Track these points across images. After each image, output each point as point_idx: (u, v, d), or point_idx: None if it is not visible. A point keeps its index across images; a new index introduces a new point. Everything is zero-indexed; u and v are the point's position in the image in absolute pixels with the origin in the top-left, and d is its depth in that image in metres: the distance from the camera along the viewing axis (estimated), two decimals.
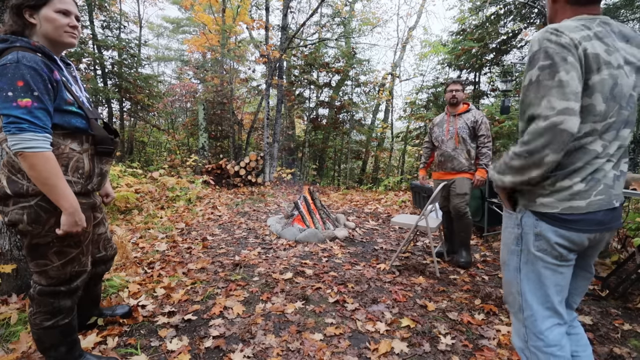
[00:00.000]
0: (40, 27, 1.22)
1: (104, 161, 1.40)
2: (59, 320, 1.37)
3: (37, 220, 1.22)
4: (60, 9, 1.23)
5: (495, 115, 6.87)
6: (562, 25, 0.98)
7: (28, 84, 1.10)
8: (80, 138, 1.28)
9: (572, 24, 0.98)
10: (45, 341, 1.38)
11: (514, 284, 1.15)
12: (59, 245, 1.28)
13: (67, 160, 1.25)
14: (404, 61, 15.32)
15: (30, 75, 1.10)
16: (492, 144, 2.98)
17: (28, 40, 1.18)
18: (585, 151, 0.99)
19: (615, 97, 0.97)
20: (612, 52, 0.97)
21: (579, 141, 1.00)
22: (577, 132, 0.98)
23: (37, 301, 1.34)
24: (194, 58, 13.71)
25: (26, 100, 1.09)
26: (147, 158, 10.78)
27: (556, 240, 1.03)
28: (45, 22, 1.21)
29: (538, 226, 1.06)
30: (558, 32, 0.95)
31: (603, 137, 0.99)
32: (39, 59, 1.15)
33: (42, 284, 1.32)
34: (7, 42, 1.16)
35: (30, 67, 1.11)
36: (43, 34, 1.23)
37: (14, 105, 1.08)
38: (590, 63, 0.95)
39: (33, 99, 1.11)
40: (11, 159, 1.20)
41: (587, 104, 0.97)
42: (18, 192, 1.19)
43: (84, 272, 1.41)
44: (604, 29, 0.99)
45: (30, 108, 1.10)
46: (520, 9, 7.24)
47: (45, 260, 1.29)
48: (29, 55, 1.12)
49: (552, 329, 1.09)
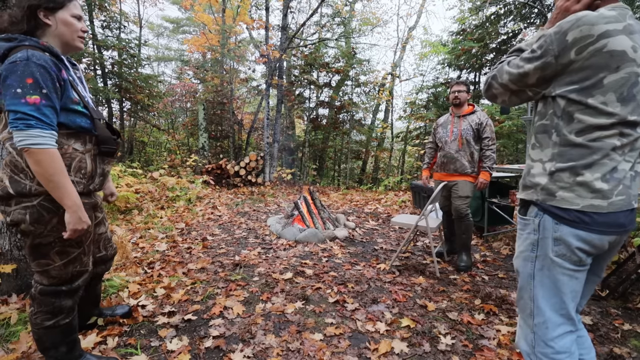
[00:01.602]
0: (56, 29, 1.24)
1: (106, 161, 1.41)
2: (59, 320, 1.37)
3: (40, 220, 1.22)
4: (75, 14, 1.28)
5: (495, 115, 6.88)
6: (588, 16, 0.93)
7: (37, 81, 1.11)
8: (83, 138, 1.30)
9: (608, 13, 0.94)
10: (45, 341, 1.38)
11: (527, 290, 1.13)
12: (61, 245, 1.29)
13: (69, 160, 1.26)
14: (404, 61, 15.32)
15: (39, 73, 1.12)
16: (496, 147, 2.95)
17: (37, 39, 1.20)
18: (603, 144, 0.97)
19: (636, 95, 0.95)
20: (638, 49, 0.94)
21: (597, 132, 0.97)
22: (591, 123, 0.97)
23: (38, 301, 1.34)
24: (194, 58, 13.70)
25: (35, 97, 1.10)
26: (147, 158, 10.78)
27: (577, 245, 1.01)
28: (62, 24, 1.25)
29: (558, 230, 1.03)
30: (573, 25, 0.93)
31: (622, 134, 0.97)
32: (48, 58, 1.16)
33: (43, 283, 1.33)
34: (15, 40, 1.17)
35: (40, 65, 1.12)
36: (58, 36, 1.26)
37: (23, 101, 1.10)
38: (607, 61, 0.92)
39: (42, 97, 1.12)
40: (14, 158, 1.20)
41: (599, 101, 0.95)
42: (21, 191, 1.19)
43: (85, 271, 1.42)
44: (635, 24, 0.95)
45: (39, 105, 1.12)
46: (520, 9, 7.24)
47: (47, 260, 1.29)
48: (38, 54, 1.13)
49: (563, 336, 1.07)
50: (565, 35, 0.95)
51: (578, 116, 0.99)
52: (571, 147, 1.01)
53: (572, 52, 0.95)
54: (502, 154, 8.54)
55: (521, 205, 1.17)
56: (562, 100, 1.01)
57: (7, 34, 1.18)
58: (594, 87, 0.95)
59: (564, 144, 1.03)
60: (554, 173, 1.04)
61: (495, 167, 3.97)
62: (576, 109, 0.99)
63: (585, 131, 0.99)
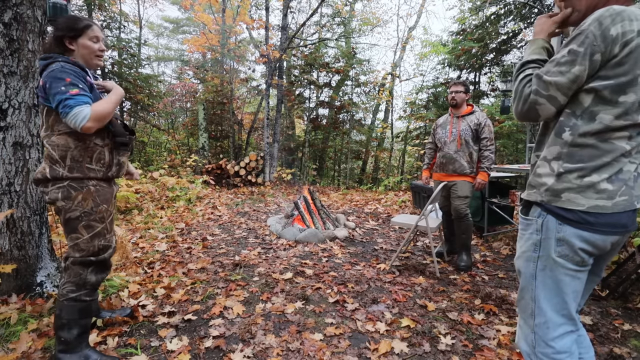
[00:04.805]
0: (78, 52, 1.56)
1: (121, 153, 1.67)
2: (82, 295, 1.58)
3: (68, 197, 1.52)
4: (93, 37, 1.57)
5: (495, 115, 6.88)
6: (626, 10, 0.91)
7: (73, 80, 1.44)
8: (102, 134, 1.57)
9: (636, 11, 0.92)
10: (64, 316, 1.56)
11: (528, 291, 1.12)
12: (87, 219, 1.55)
13: (92, 152, 1.55)
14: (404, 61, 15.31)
15: (73, 75, 1.45)
16: (494, 147, 2.96)
17: (67, 57, 1.53)
18: (614, 147, 0.97)
19: None
20: None
21: (610, 134, 0.97)
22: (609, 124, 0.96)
23: (69, 271, 1.58)
24: (194, 58, 13.69)
25: (75, 90, 1.42)
26: (147, 158, 10.75)
27: (580, 246, 1.01)
28: (82, 48, 1.56)
29: (561, 231, 1.03)
30: (616, 19, 0.91)
31: (631, 137, 0.97)
32: (77, 68, 1.50)
33: (75, 256, 1.57)
34: (51, 58, 1.49)
35: (72, 70, 1.46)
36: (80, 56, 1.57)
37: (68, 95, 1.40)
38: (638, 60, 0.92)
39: (79, 89, 1.43)
40: (50, 152, 1.51)
41: (631, 100, 0.94)
42: (55, 176, 1.51)
43: (109, 247, 1.66)
44: None
45: (79, 93, 1.43)
46: (520, 9, 7.24)
47: (76, 234, 1.56)
48: (67, 64, 1.47)
49: (564, 336, 1.07)
50: (608, 31, 0.92)
51: (602, 116, 0.97)
52: (581, 148, 1.00)
53: (616, 47, 0.92)
54: (502, 154, 8.54)
55: (523, 205, 1.16)
56: (588, 97, 0.98)
57: (45, 54, 1.53)
58: (628, 85, 0.94)
59: (575, 145, 1.01)
60: (562, 174, 1.03)
61: (495, 167, 3.98)
62: (602, 108, 0.97)
63: (601, 133, 0.98)
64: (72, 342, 1.57)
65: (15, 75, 2.01)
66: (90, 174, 1.54)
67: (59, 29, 1.53)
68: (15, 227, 2.04)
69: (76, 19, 1.57)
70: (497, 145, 6.72)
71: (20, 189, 2.04)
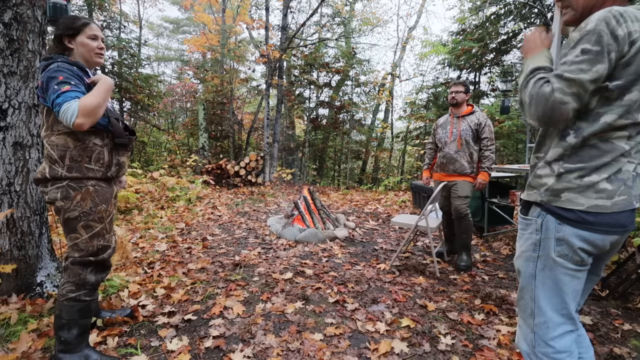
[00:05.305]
0: (77, 50, 1.58)
1: (121, 153, 1.67)
2: (81, 295, 1.58)
3: (67, 197, 1.52)
4: (91, 35, 1.58)
5: (495, 115, 6.88)
6: (627, 11, 0.92)
7: (65, 78, 1.44)
8: (102, 134, 1.57)
9: (636, 12, 0.93)
10: (63, 316, 1.56)
11: (528, 290, 1.12)
12: (85, 219, 1.55)
13: (91, 152, 1.54)
14: (404, 61, 15.31)
15: (67, 72, 1.45)
16: (495, 147, 2.96)
17: (67, 57, 1.55)
18: (614, 146, 0.97)
19: None
20: None
21: (610, 133, 0.97)
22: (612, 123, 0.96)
23: (69, 271, 1.58)
24: (194, 58, 13.69)
25: (66, 87, 1.42)
26: (147, 158, 10.76)
27: (580, 245, 1.01)
28: (80, 46, 1.57)
29: (560, 231, 1.03)
30: (620, 20, 0.91)
31: (630, 136, 0.97)
32: (74, 67, 1.50)
33: (74, 256, 1.58)
34: (51, 58, 1.51)
35: (67, 69, 1.47)
36: (80, 55, 1.59)
37: (59, 92, 1.40)
38: None
39: (71, 86, 1.43)
40: (50, 152, 1.51)
41: (635, 98, 0.94)
42: (54, 176, 1.51)
43: (108, 247, 1.66)
44: None
45: (70, 90, 1.42)
46: (520, 9, 7.24)
47: (75, 234, 1.56)
48: (65, 64, 1.48)
49: (564, 336, 1.07)
50: (616, 31, 0.92)
51: (606, 116, 0.97)
52: (582, 149, 1.01)
53: (625, 46, 0.93)
54: (502, 154, 8.54)
55: (523, 205, 1.16)
56: (594, 98, 0.98)
57: (47, 54, 1.56)
58: (634, 83, 0.94)
59: (578, 147, 1.01)
60: (562, 174, 1.03)
61: (495, 167, 3.98)
62: (607, 109, 0.97)
63: (603, 132, 0.98)
64: (72, 342, 1.57)
65: (15, 75, 2.01)
66: (89, 174, 1.54)
67: (59, 28, 1.56)
68: (15, 227, 2.04)
69: (74, 17, 1.58)
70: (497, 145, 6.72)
71: (20, 189, 2.04)
